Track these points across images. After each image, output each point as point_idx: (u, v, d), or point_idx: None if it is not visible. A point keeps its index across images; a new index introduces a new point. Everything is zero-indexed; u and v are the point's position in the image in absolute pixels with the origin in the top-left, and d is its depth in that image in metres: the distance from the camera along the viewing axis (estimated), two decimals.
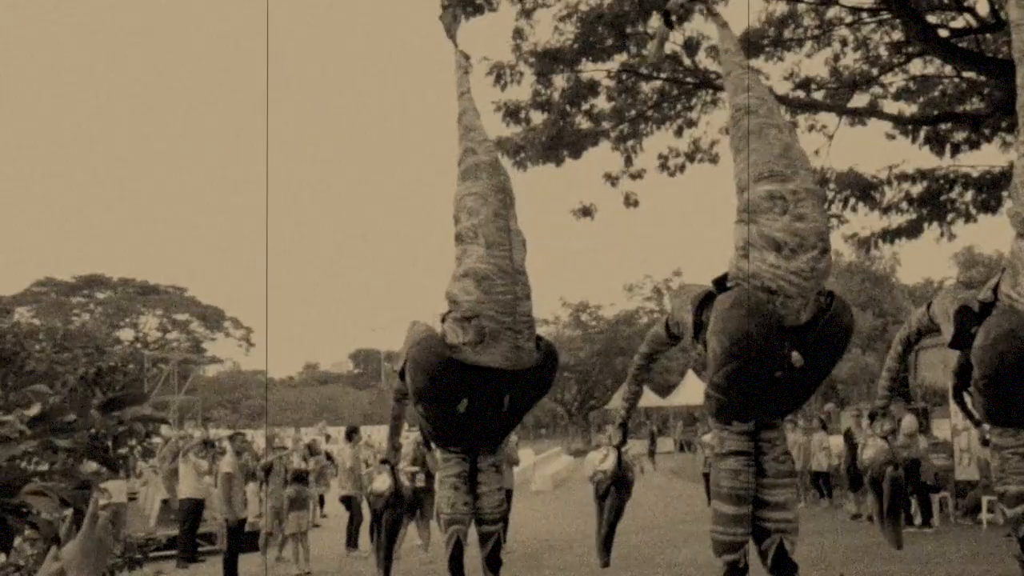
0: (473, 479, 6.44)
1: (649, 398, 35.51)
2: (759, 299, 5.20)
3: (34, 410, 1.85)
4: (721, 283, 5.55)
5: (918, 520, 12.34)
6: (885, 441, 7.33)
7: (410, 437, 12.12)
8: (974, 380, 6.06)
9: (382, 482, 7.14)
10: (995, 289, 5.74)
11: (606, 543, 7.05)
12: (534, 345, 6.07)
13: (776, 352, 5.25)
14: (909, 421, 12.72)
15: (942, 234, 13.83)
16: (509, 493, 10.38)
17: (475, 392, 5.91)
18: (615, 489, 6.93)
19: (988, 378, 5.77)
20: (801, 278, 5.23)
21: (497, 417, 6.24)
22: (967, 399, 6.63)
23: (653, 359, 7.12)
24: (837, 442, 14.70)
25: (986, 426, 6.78)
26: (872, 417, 7.84)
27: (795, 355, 5.26)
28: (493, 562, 6.42)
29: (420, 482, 11.24)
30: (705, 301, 5.59)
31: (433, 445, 7.57)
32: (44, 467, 1.95)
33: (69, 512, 1.67)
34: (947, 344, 6.42)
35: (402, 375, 6.50)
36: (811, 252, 5.21)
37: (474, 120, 6.75)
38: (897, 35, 13.69)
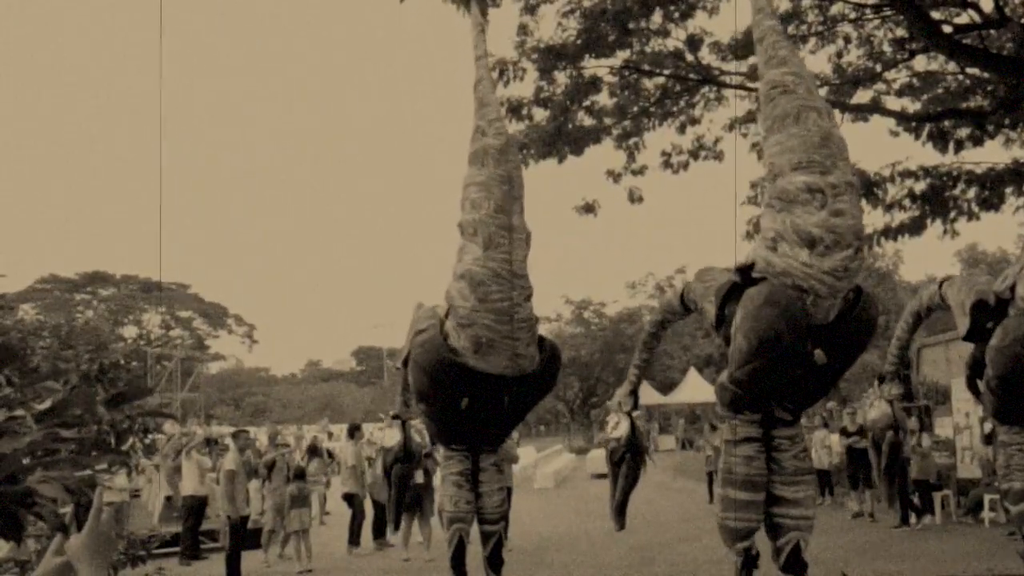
0: (475, 478, 6.44)
1: (651, 395, 35.49)
2: (790, 298, 5.08)
3: (46, 404, 1.86)
4: (746, 272, 5.42)
5: (914, 519, 12.35)
6: (890, 405, 7.36)
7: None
8: (986, 379, 6.06)
9: (391, 437, 7.17)
10: (1012, 288, 5.74)
11: (621, 508, 7.10)
12: (536, 349, 5.99)
13: (801, 351, 5.20)
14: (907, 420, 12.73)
15: (945, 231, 13.81)
16: (509, 491, 10.38)
17: (476, 393, 5.90)
18: (630, 455, 6.93)
19: (1001, 378, 5.78)
20: (834, 278, 5.06)
21: (499, 416, 6.23)
22: (980, 385, 6.62)
23: (664, 327, 7.06)
24: (837, 440, 14.70)
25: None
26: (880, 380, 7.86)
27: (818, 353, 5.19)
28: (495, 561, 6.41)
29: (419, 479, 11.26)
30: (730, 293, 5.47)
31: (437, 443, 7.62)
32: (49, 464, 1.96)
33: (70, 508, 1.68)
34: (961, 337, 6.42)
35: (405, 363, 6.49)
36: (846, 251, 5.01)
37: (488, 93, 6.23)
38: (900, 31, 13.66)
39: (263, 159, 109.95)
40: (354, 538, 12.16)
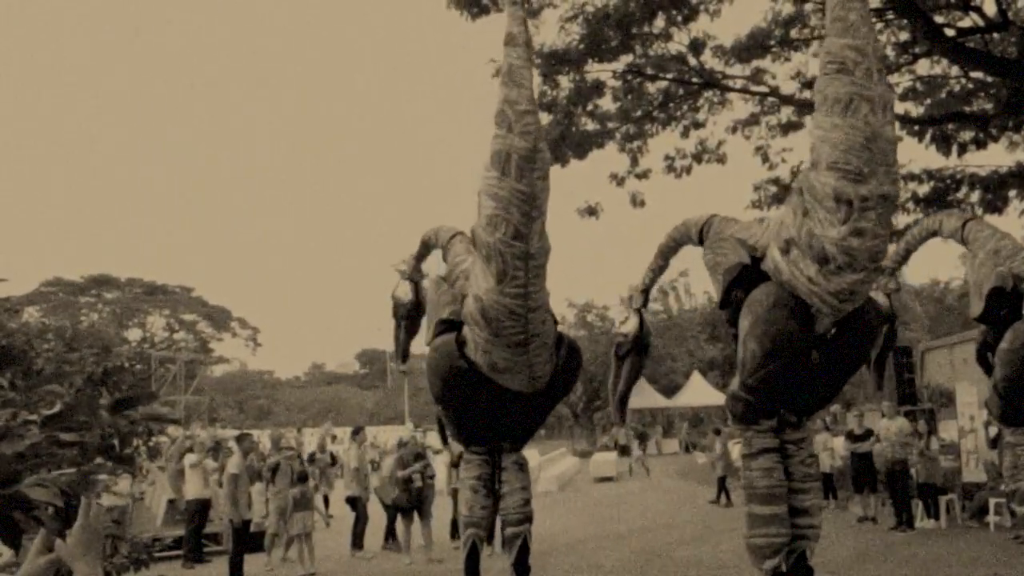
0: (493, 481, 6.34)
1: (655, 399, 35.41)
2: (797, 299, 5.00)
3: (55, 408, 1.87)
4: (756, 261, 5.33)
5: (920, 520, 12.32)
6: (887, 299, 7.42)
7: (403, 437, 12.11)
8: (994, 381, 6.07)
9: (404, 292, 7.44)
10: None
11: (622, 402, 7.23)
12: (551, 364, 5.84)
13: (808, 354, 5.16)
14: (902, 424, 12.74)
15: None
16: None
17: (493, 397, 5.83)
18: (635, 351, 7.00)
19: (1009, 381, 5.78)
20: (838, 300, 4.87)
21: (517, 418, 6.16)
22: (990, 358, 6.63)
23: (682, 245, 7.02)
24: (841, 443, 14.65)
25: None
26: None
27: (813, 353, 5.21)
28: (521, 567, 6.16)
29: (418, 482, 11.26)
30: (738, 278, 5.39)
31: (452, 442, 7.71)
32: (51, 468, 1.96)
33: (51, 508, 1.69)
34: (972, 316, 6.43)
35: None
36: (857, 275, 4.72)
37: (521, 67, 5.06)
38: (904, 36, 13.67)
39: (267, 162, 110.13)
40: (357, 541, 12.15)
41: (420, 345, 7.38)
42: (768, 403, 5.35)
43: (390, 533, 12.21)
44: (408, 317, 7.67)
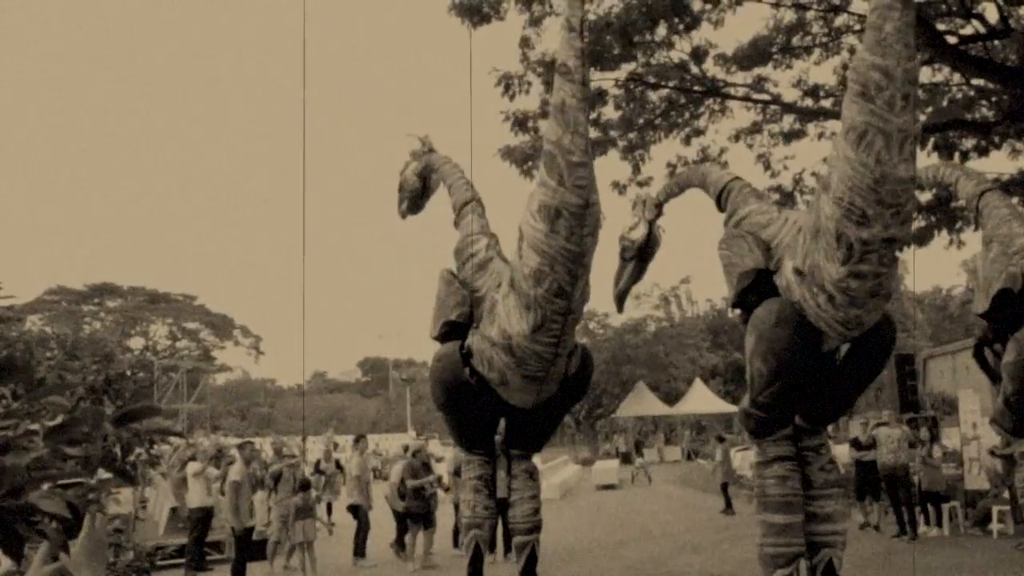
0: (499, 484, 6.35)
1: (657, 406, 35.36)
2: (800, 314, 5.01)
3: (58, 420, 1.88)
4: (770, 273, 5.37)
5: (923, 527, 12.29)
6: None
7: (396, 467, 12.10)
8: (1004, 394, 6.04)
9: (412, 177, 7.98)
10: None
11: (621, 297, 7.80)
12: (558, 384, 5.89)
13: (817, 364, 5.16)
14: (903, 431, 12.75)
15: (951, 241, 13.79)
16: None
17: (497, 408, 5.85)
18: (638, 258, 7.42)
19: (1020, 393, 5.75)
20: (845, 328, 4.92)
21: (523, 425, 6.17)
22: (987, 355, 6.62)
23: (695, 187, 7.16)
24: (842, 451, 14.60)
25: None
26: None
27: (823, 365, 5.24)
28: None
29: (429, 489, 11.24)
30: (753, 284, 5.42)
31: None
32: (54, 479, 1.96)
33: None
34: (976, 312, 6.43)
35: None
36: (861, 308, 4.78)
37: (576, 108, 4.57)
38: None
39: (268, 169, 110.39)
40: (359, 549, 12.12)
41: (422, 350, 7.44)
42: (780, 417, 5.35)
43: (399, 540, 12.19)
44: (411, 198, 8.10)
